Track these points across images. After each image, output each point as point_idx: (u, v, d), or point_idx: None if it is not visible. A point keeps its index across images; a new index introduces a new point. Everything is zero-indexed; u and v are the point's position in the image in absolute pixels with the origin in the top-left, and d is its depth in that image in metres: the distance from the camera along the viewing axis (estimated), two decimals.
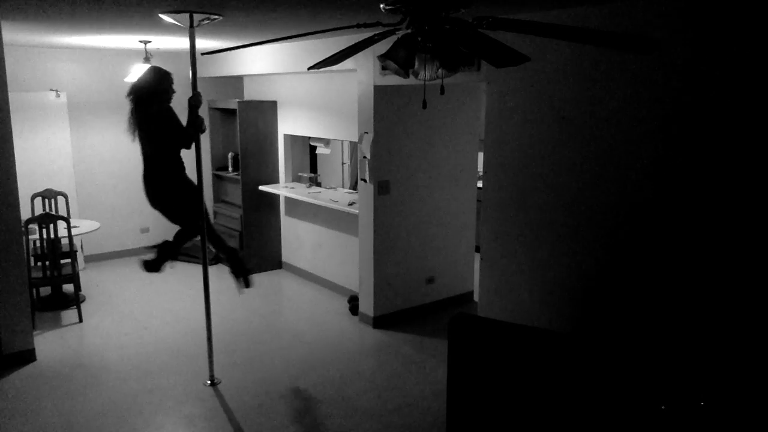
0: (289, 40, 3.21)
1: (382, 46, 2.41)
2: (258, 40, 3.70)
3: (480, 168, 5.18)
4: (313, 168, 7.71)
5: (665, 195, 3.33)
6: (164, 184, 4.28)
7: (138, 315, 5.84)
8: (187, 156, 4.29)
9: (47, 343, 5.16)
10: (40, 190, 6.48)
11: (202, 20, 3.89)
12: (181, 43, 6.08)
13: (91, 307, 6.04)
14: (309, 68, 2.91)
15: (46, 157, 6.85)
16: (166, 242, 4.53)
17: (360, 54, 2.70)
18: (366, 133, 5.32)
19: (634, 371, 2.79)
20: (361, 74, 5.29)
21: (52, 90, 6.88)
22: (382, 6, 2.28)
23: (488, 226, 4.38)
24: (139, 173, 4.36)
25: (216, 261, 4.57)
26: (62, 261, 5.83)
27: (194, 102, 4.13)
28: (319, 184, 7.24)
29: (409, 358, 4.92)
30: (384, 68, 2.35)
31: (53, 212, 6.31)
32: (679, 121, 3.23)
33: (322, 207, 6.44)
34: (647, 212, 3.43)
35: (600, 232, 3.69)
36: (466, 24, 2.24)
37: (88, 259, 7.46)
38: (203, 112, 7.32)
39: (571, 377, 2.89)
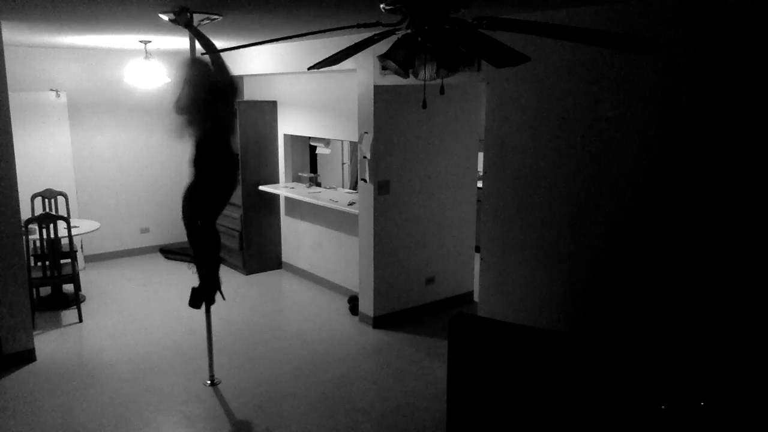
0: (289, 40, 3.21)
1: (382, 46, 2.41)
2: (258, 40, 3.70)
3: (480, 168, 5.18)
4: (313, 168, 7.70)
5: (665, 194, 3.33)
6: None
7: (138, 315, 5.84)
8: (185, 153, 4.27)
9: (47, 343, 5.16)
10: (40, 190, 6.47)
11: (202, 20, 3.89)
12: (181, 43, 6.08)
13: (91, 307, 6.03)
14: (309, 68, 2.91)
15: (46, 157, 6.84)
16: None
17: (360, 54, 2.70)
18: (366, 133, 5.32)
19: (634, 371, 2.79)
20: (361, 74, 5.29)
21: (52, 90, 6.88)
22: (382, 6, 2.28)
23: (488, 226, 4.38)
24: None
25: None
26: (62, 261, 5.83)
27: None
28: (319, 184, 7.24)
29: (409, 358, 4.92)
30: (384, 68, 2.35)
31: (53, 212, 6.31)
32: (679, 121, 3.23)
33: (322, 207, 6.44)
34: (647, 212, 3.43)
35: (600, 232, 3.68)
36: (466, 24, 2.24)
37: (88, 259, 7.46)
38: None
39: (571, 377, 2.89)
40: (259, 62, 6.63)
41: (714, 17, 3.02)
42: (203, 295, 4.36)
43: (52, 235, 5.49)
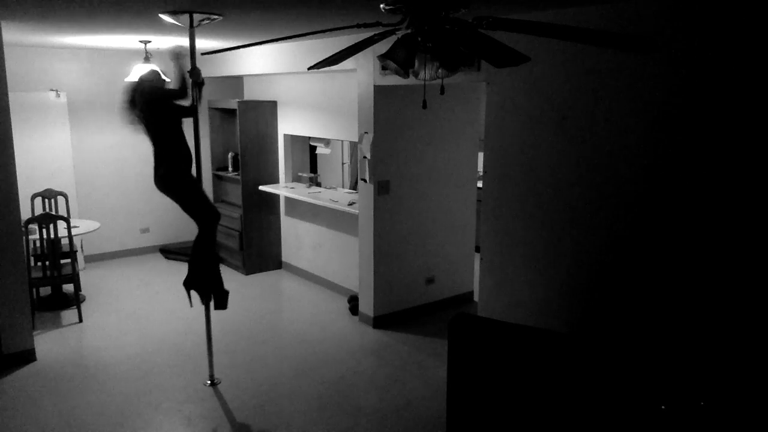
0: (289, 40, 3.21)
1: (382, 46, 2.41)
2: (258, 40, 3.70)
3: (480, 168, 5.18)
4: (313, 168, 7.71)
5: (665, 194, 3.33)
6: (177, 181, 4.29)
7: (138, 315, 5.84)
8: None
9: (47, 343, 5.16)
10: (40, 190, 6.48)
11: (202, 20, 3.89)
12: (181, 43, 6.08)
13: (91, 307, 6.04)
14: (309, 68, 2.91)
15: (46, 157, 6.85)
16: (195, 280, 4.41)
17: (360, 54, 2.71)
18: (366, 133, 5.33)
19: (634, 371, 2.79)
20: (361, 74, 5.29)
21: (52, 90, 6.88)
22: (382, 6, 2.28)
23: (488, 226, 4.38)
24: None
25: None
26: (62, 261, 5.83)
27: (194, 77, 4.12)
28: (319, 184, 7.24)
29: (409, 358, 4.92)
30: (384, 68, 2.35)
31: (53, 212, 6.31)
32: (679, 120, 3.23)
33: (322, 207, 6.44)
34: (647, 212, 3.43)
35: (600, 231, 3.69)
36: (466, 24, 2.24)
37: (88, 259, 7.46)
38: (203, 109, 7.32)
39: (571, 377, 2.89)
40: (259, 62, 6.63)
41: (713, 17, 3.02)
42: (222, 295, 4.40)
43: (52, 235, 5.49)
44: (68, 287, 6.03)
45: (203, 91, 4.24)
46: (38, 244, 5.68)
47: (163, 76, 4.45)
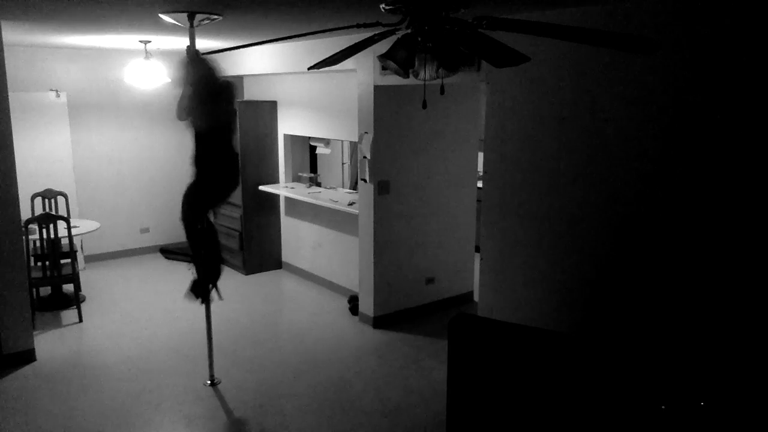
0: (289, 40, 3.21)
1: (382, 46, 2.41)
2: (258, 40, 3.71)
3: (480, 168, 5.18)
4: (313, 168, 7.71)
5: (665, 195, 3.33)
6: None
7: (138, 315, 5.84)
8: (186, 153, 4.28)
9: (47, 343, 5.16)
10: (40, 190, 6.48)
11: (202, 20, 3.89)
12: (181, 43, 6.08)
13: (91, 307, 6.03)
14: (309, 68, 2.91)
15: (46, 157, 6.84)
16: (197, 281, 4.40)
17: (360, 54, 2.71)
18: (366, 133, 5.33)
19: (634, 371, 2.79)
20: (361, 74, 5.29)
21: (52, 90, 6.88)
22: (382, 6, 2.28)
23: (488, 226, 4.38)
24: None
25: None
26: (62, 261, 5.83)
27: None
28: (319, 184, 7.24)
29: (409, 358, 4.92)
30: (384, 68, 2.35)
31: (53, 212, 6.31)
32: (679, 121, 3.23)
33: (322, 207, 6.44)
34: (647, 212, 3.43)
35: (600, 232, 3.69)
36: (466, 24, 2.24)
37: (88, 259, 7.46)
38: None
39: (571, 377, 2.89)
40: (259, 62, 6.63)
41: (714, 16, 3.02)
42: (201, 288, 4.35)
43: (52, 235, 5.49)
44: (68, 287, 6.03)
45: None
46: (38, 244, 5.68)
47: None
